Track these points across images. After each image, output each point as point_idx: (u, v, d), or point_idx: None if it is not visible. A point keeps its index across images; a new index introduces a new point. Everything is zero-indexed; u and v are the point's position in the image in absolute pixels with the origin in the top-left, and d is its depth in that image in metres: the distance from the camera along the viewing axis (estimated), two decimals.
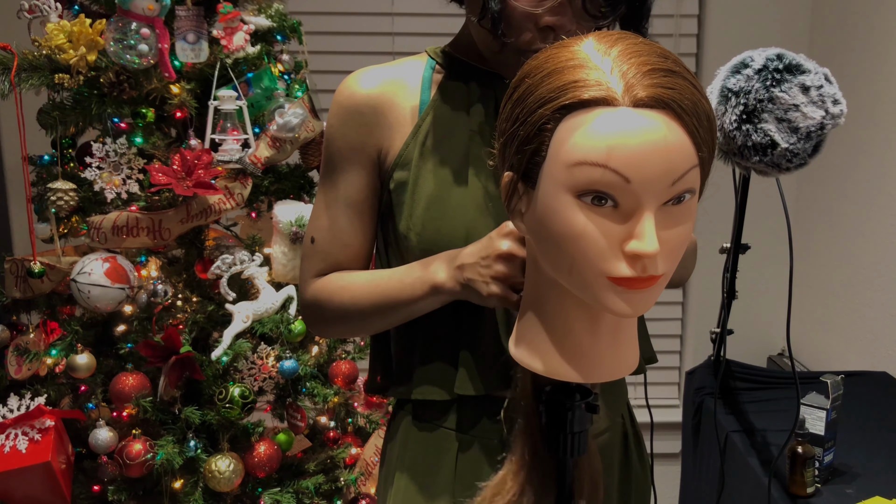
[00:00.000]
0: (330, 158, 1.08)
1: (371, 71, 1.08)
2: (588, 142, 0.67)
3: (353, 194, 1.07)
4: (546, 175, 0.70)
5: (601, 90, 0.67)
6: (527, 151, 0.72)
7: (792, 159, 1.18)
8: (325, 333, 1.21)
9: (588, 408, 0.83)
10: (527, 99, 0.71)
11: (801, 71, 1.16)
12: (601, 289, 0.70)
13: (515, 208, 0.76)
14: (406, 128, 1.05)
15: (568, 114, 0.68)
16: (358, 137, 1.05)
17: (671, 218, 0.70)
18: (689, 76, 0.70)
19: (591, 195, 0.68)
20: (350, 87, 1.07)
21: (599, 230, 0.68)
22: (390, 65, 1.10)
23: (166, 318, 1.80)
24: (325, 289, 1.09)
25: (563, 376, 0.78)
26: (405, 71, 1.09)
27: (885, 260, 2.23)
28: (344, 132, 1.06)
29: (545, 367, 0.79)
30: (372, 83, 1.06)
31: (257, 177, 1.84)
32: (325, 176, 1.10)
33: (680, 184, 0.68)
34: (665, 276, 0.71)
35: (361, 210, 1.08)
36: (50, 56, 1.69)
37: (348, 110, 1.06)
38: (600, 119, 0.67)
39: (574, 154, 0.67)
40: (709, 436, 1.90)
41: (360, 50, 2.66)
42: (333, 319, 1.09)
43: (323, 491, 1.95)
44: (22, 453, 1.71)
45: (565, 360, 0.78)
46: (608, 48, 0.69)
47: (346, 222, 1.08)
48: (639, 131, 0.66)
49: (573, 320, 0.78)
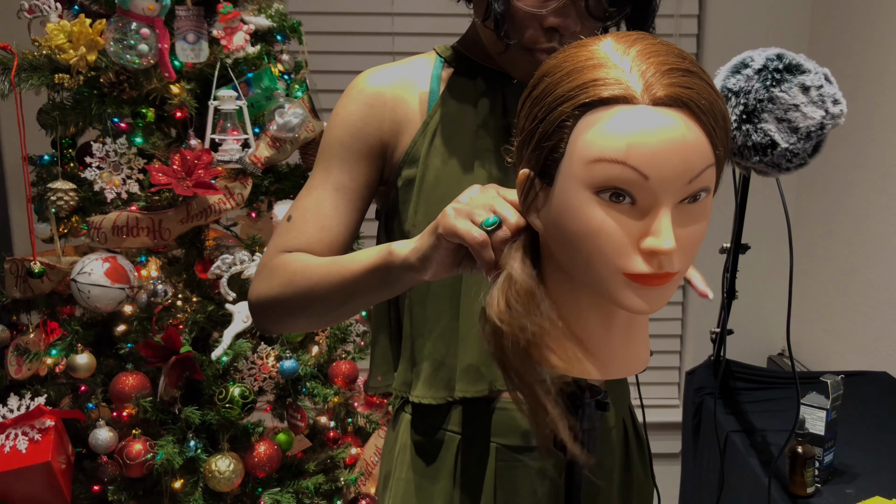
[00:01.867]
0: (328, 145, 1.06)
1: (383, 69, 1.08)
2: (607, 139, 0.68)
3: (347, 181, 1.05)
4: (564, 172, 0.71)
5: (620, 88, 0.68)
6: (545, 148, 0.72)
7: (792, 159, 1.18)
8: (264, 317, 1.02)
9: (598, 405, 0.84)
10: (546, 97, 0.72)
11: (801, 71, 1.16)
12: (617, 285, 0.71)
13: (532, 205, 0.76)
14: (415, 125, 1.05)
15: (587, 112, 0.69)
16: (364, 129, 1.04)
17: (687, 216, 0.71)
18: (706, 76, 0.71)
19: (609, 192, 0.69)
20: (362, 81, 1.06)
21: (617, 226, 0.69)
22: (400, 63, 1.09)
23: (166, 318, 1.80)
24: (283, 259, 1.00)
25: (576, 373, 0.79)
26: (414, 69, 1.08)
27: (885, 260, 2.23)
28: (350, 121, 1.05)
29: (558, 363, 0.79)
30: (384, 80, 1.06)
31: (257, 177, 1.84)
32: (318, 162, 1.08)
33: (696, 182, 0.69)
34: (680, 273, 0.72)
35: (350, 198, 1.04)
36: (50, 56, 1.69)
37: (358, 102, 1.05)
38: (619, 116, 0.67)
39: (593, 151, 0.68)
40: (709, 436, 1.90)
41: (360, 50, 2.66)
42: (280, 289, 0.98)
43: (323, 491, 1.95)
44: (22, 453, 1.71)
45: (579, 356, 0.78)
46: (627, 48, 0.70)
47: (331, 206, 1.04)
48: (658, 129, 0.67)
49: (586, 317, 0.78)
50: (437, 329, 1.05)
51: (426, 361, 1.06)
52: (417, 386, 1.07)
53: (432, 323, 1.05)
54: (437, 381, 1.05)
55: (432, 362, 1.06)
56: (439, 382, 1.05)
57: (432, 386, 1.05)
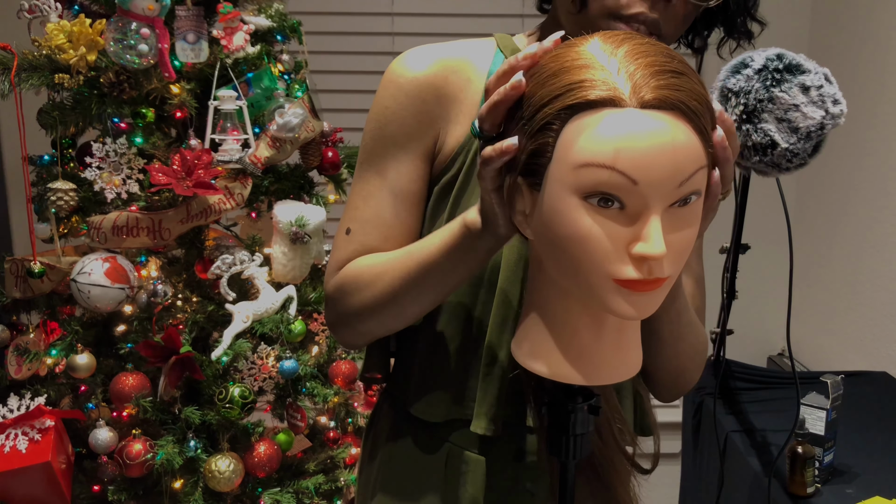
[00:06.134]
0: (379, 143, 0.96)
1: (429, 50, 0.96)
2: (595, 143, 0.66)
3: (406, 184, 0.95)
4: (551, 177, 0.70)
5: (608, 91, 0.66)
6: (529, 150, 0.71)
7: (792, 159, 1.18)
8: (353, 332, 0.97)
9: (591, 410, 0.83)
10: (531, 97, 0.71)
11: (801, 71, 1.16)
12: (606, 291, 0.70)
13: (518, 210, 0.75)
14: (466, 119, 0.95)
15: (574, 114, 0.68)
16: (417, 125, 0.95)
17: (678, 220, 0.70)
18: (695, 77, 0.69)
19: (597, 197, 0.67)
20: (408, 66, 0.95)
21: (605, 232, 0.68)
22: (450, 44, 0.98)
23: (166, 318, 1.80)
24: (350, 270, 0.94)
25: (566, 379, 0.78)
26: (469, 52, 0.97)
27: (885, 260, 2.23)
28: (402, 116, 0.94)
29: (548, 369, 0.79)
30: (432, 64, 0.95)
31: (257, 177, 1.84)
32: (368, 162, 0.97)
33: (687, 185, 0.68)
34: (670, 278, 0.71)
35: (412, 202, 0.96)
36: (50, 56, 1.69)
37: (408, 93, 0.94)
38: (607, 120, 0.66)
39: (580, 155, 0.67)
40: (709, 436, 1.90)
41: (360, 50, 2.66)
42: (360, 304, 0.92)
43: (323, 491, 1.95)
44: (22, 453, 1.71)
45: (568, 362, 0.78)
46: (615, 48, 0.69)
47: (392, 214, 0.95)
48: (646, 133, 0.66)
49: (576, 322, 0.77)
50: (449, 349, 0.99)
51: (431, 378, 1.01)
52: (419, 400, 1.02)
53: (444, 341, 0.99)
54: (440, 401, 1.01)
55: (438, 381, 1.01)
56: (443, 402, 1.01)
57: (435, 405, 1.01)
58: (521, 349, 0.82)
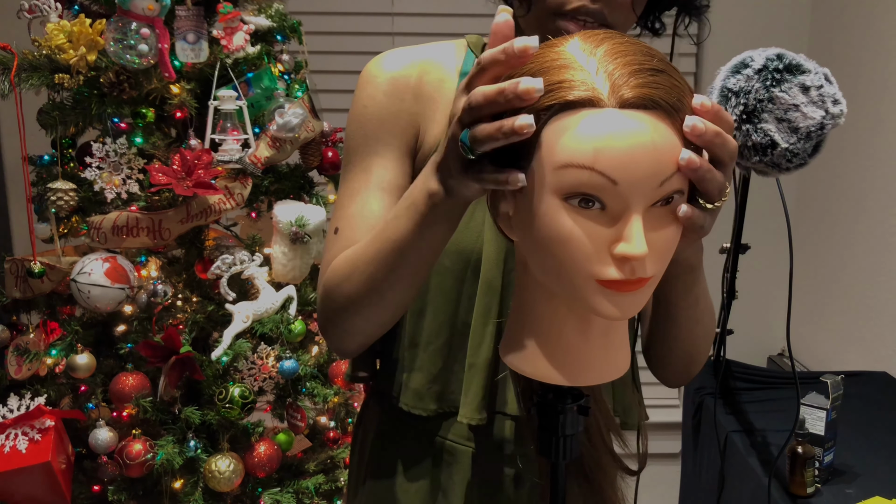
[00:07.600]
0: (361, 141, 0.97)
1: (402, 52, 0.99)
2: (574, 144, 0.66)
3: (391, 179, 0.96)
4: (532, 178, 0.69)
5: (587, 91, 0.66)
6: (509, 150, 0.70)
7: (792, 159, 1.18)
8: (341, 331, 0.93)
9: (580, 410, 0.83)
10: None
11: (801, 71, 1.16)
12: (590, 292, 0.70)
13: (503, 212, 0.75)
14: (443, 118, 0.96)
15: (553, 115, 0.67)
16: (396, 122, 0.96)
17: (660, 219, 0.70)
18: (675, 74, 0.69)
19: (577, 198, 0.67)
20: (384, 67, 0.98)
21: (587, 233, 0.68)
22: (422, 46, 1.00)
23: (166, 318, 1.80)
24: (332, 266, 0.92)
25: (553, 380, 0.78)
26: (438, 53, 0.99)
27: (885, 260, 2.23)
28: (381, 115, 0.96)
29: (535, 370, 0.79)
30: (407, 65, 0.97)
31: (257, 177, 1.84)
32: (352, 163, 0.98)
33: (668, 184, 0.68)
34: (654, 277, 0.71)
35: (398, 196, 0.94)
36: (50, 56, 1.69)
37: (385, 92, 0.96)
38: (586, 121, 0.66)
39: (560, 156, 0.67)
40: (709, 436, 1.90)
41: (360, 50, 2.66)
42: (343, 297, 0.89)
43: (323, 491, 1.95)
44: (22, 453, 1.71)
45: (555, 363, 0.78)
46: (594, 48, 0.69)
47: (379, 207, 0.95)
48: (625, 133, 0.65)
49: (562, 323, 0.77)
50: (435, 343, 1.01)
51: (418, 372, 1.03)
52: (407, 394, 1.03)
53: (430, 336, 1.01)
54: (428, 394, 1.03)
55: (425, 374, 1.02)
56: (430, 395, 1.02)
57: (422, 398, 1.03)
58: (509, 351, 0.82)
